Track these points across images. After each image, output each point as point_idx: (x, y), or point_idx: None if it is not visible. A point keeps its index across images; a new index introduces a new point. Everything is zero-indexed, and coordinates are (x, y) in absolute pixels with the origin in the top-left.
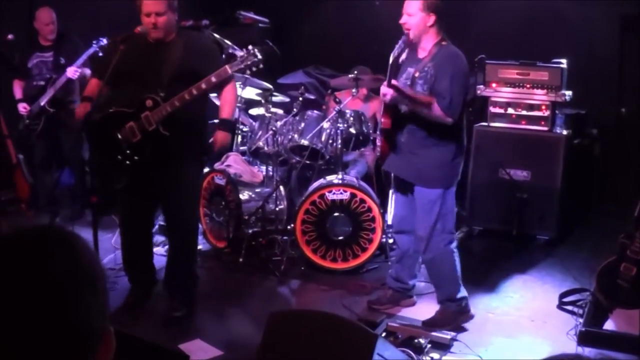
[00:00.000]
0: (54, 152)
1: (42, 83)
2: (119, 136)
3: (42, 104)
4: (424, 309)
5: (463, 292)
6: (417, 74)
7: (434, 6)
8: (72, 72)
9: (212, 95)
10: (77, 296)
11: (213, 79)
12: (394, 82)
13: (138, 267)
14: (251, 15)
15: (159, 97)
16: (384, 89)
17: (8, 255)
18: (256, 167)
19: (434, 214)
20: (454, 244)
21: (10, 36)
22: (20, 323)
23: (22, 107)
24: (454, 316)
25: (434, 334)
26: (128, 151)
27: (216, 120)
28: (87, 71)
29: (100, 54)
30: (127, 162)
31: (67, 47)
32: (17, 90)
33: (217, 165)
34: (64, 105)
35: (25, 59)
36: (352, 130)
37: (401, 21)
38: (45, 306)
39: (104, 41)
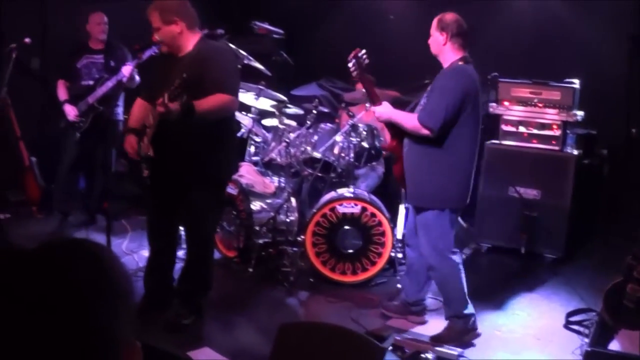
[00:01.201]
0: (87, 154)
1: (91, 83)
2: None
3: (90, 101)
4: (433, 325)
5: (470, 309)
6: (428, 88)
7: (446, 26)
8: (127, 70)
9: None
10: (100, 307)
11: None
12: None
13: (156, 278)
14: (266, 25)
15: (152, 114)
16: (373, 107)
17: (36, 263)
18: (268, 178)
19: (431, 235)
20: (457, 262)
21: (27, 39)
22: (40, 328)
23: (70, 109)
24: (461, 333)
25: (440, 349)
26: (142, 163)
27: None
28: (137, 78)
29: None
30: (143, 172)
31: (116, 52)
32: (62, 91)
33: None
34: (109, 107)
35: (73, 61)
36: (365, 144)
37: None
38: (66, 314)
39: None
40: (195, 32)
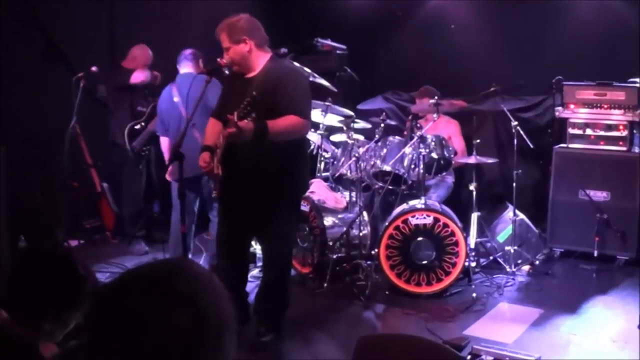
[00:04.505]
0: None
1: (145, 109)
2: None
3: (151, 129)
4: (508, 331)
5: None
6: None
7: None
8: None
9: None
10: (202, 350)
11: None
12: None
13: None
14: (329, 42)
15: (222, 134)
16: None
17: (134, 302)
18: (339, 193)
19: None
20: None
21: (94, 68)
22: None
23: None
24: None
25: (519, 355)
26: (211, 184)
27: None
28: None
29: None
30: (214, 193)
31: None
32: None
33: None
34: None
35: (125, 87)
36: (434, 155)
37: None
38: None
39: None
40: (264, 50)
